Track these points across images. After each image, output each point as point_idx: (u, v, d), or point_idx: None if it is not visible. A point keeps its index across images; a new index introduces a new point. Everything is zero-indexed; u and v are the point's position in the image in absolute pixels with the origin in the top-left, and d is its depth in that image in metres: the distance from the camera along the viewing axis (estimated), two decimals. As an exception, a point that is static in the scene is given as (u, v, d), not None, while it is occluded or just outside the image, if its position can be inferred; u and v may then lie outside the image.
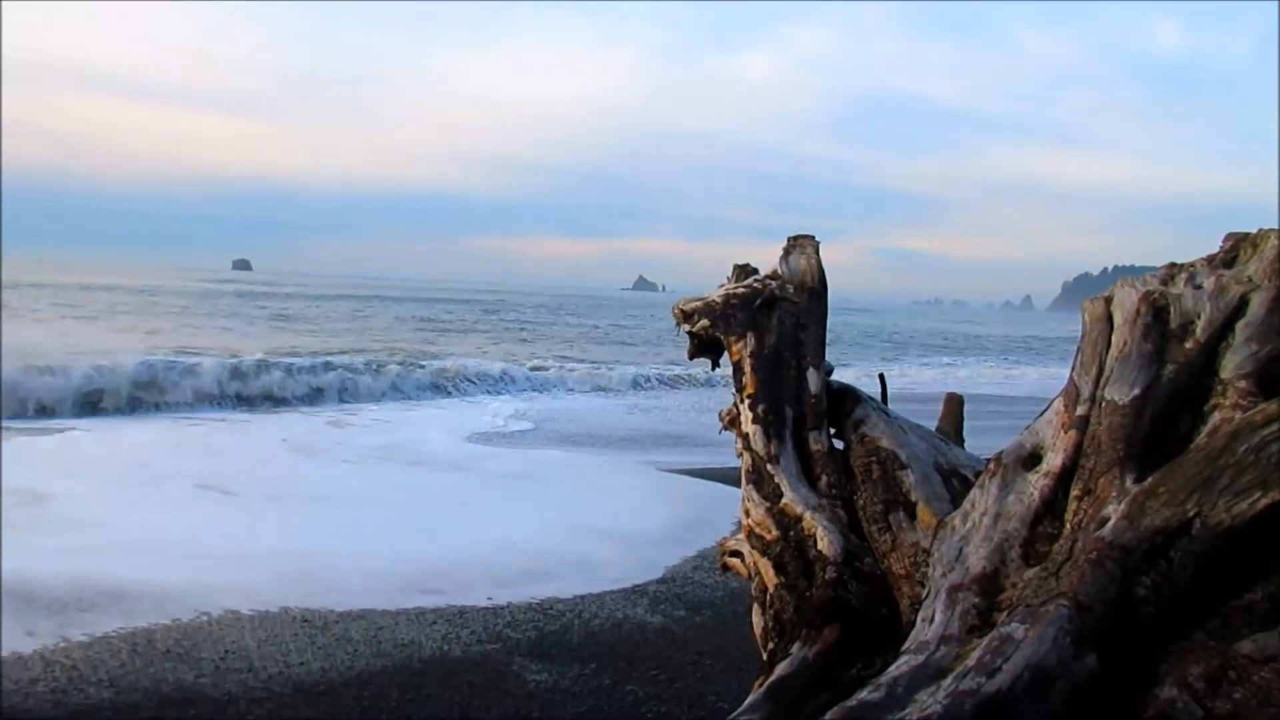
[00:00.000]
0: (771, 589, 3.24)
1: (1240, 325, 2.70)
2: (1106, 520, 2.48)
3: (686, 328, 3.86)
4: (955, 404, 4.34)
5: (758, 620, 3.33)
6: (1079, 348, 2.98)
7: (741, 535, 3.53)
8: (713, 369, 3.94)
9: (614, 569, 7.26)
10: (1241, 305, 2.73)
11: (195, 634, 5.66)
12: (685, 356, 4.03)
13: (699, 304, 3.81)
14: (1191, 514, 2.37)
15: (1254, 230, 2.94)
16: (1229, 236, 2.99)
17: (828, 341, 3.75)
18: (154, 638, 5.57)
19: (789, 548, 3.20)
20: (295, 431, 13.17)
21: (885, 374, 4.18)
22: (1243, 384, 2.61)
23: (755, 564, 3.38)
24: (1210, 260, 2.95)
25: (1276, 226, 2.91)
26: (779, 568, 3.21)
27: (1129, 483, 2.56)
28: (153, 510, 8.32)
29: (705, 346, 3.87)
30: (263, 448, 11.93)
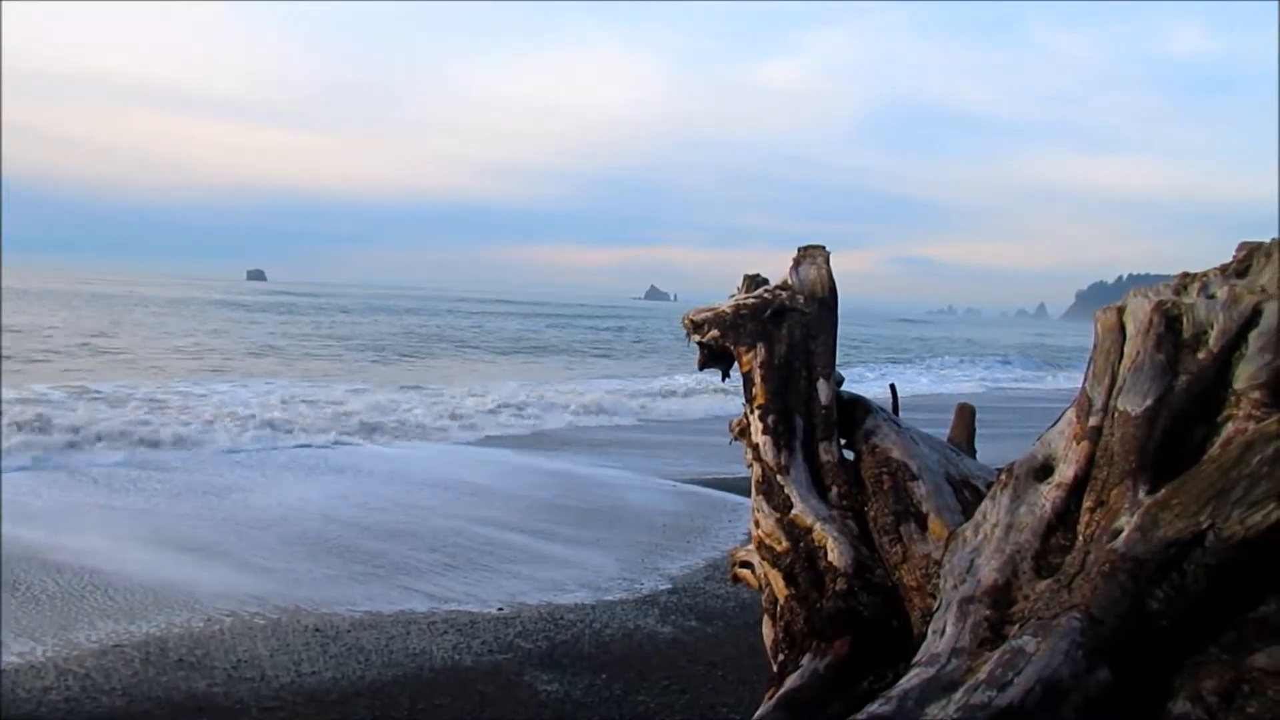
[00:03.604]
0: (782, 600, 3.22)
1: (1253, 335, 2.68)
2: (1119, 532, 2.45)
3: (697, 338, 3.85)
4: (967, 414, 4.32)
5: (768, 631, 3.31)
6: (1091, 358, 2.96)
7: (752, 546, 3.52)
8: (723, 379, 3.93)
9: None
10: (1255, 315, 2.70)
11: (207, 642, 5.67)
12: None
13: (709, 314, 3.80)
14: (1205, 526, 2.35)
15: (1268, 239, 2.92)
16: (1242, 246, 2.96)
17: (838, 351, 3.74)
18: (166, 646, 5.58)
19: (799, 559, 3.18)
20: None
21: (895, 384, 4.16)
22: (1256, 394, 2.58)
23: (766, 575, 3.36)
24: (1223, 270, 2.92)
25: (1277, 232, 2.89)
26: (789, 579, 3.19)
27: (1142, 494, 2.54)
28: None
29: (715, 357, 3.85)
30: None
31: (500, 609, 6.52)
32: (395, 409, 16.14)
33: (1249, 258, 2.89)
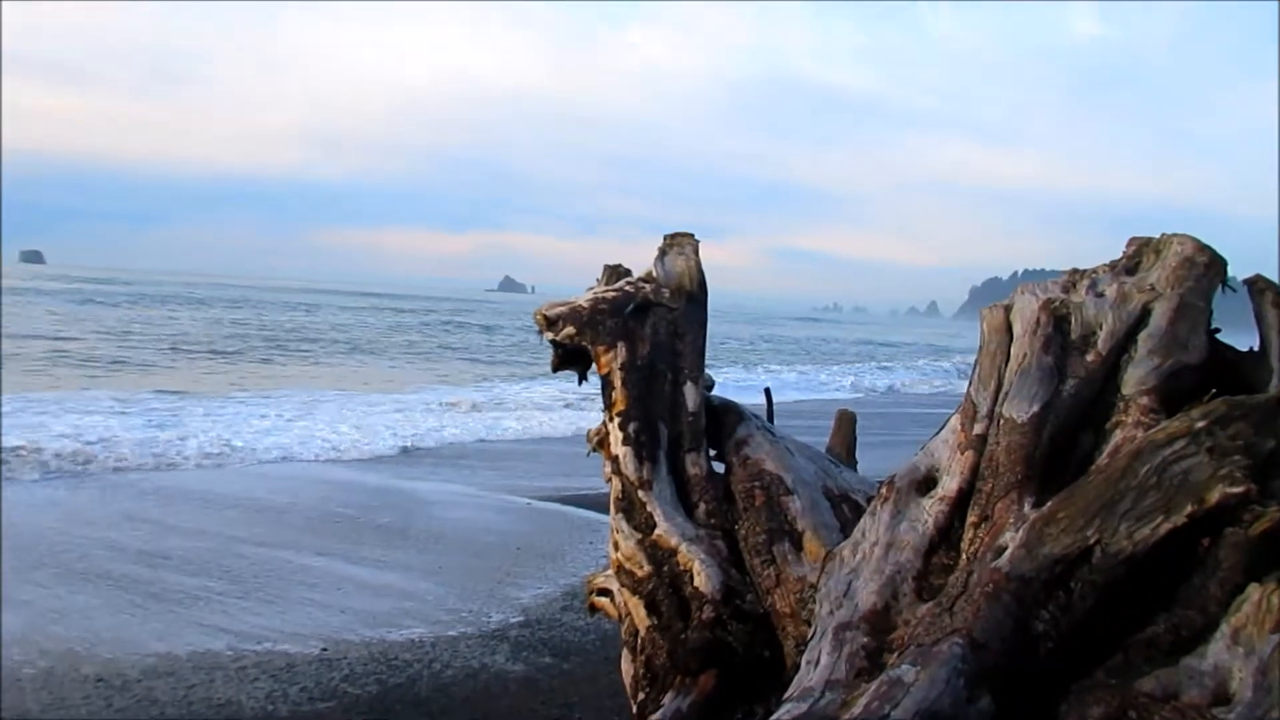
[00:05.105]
0: (643, 631, 3.25)
1: (1142, 337, 2.84)
2: (1004, 549, 2.56)
3: (550, 336, 3.82)
4: (847, 421, 4.44)
5: (627, 667, 3.34)
6: (977, 360, 3.08)
7: (610, 571, 3.53)
8: (579, 383, 3.92)
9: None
10: (1144, 315, 2.87)
11: (-39, 700, 5.35)
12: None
13: (564, 309, 3.79)
14: (1092, 541, 2.47)
15: (1157, 235, 3.10)
16: (1132, 241, 3.14)
17: (708, 352, 3.79)
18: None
19: (662, 585, 3.21)
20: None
21: (771, 389, 4.25)
22: (1145, 400, 2.74)
23: (626, 604, 3.38)
24: (1113, 266, 3.09)
25: (1182, 231, 3.08)
26: (651, 608, 3.22)
27: (1028, 508, 2.66)
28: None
29: (572, 357, 3.84)
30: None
31: (323, 649, 6.36)
32: (190, 416, 15.55)
33: (1139, 253, 3.07)
